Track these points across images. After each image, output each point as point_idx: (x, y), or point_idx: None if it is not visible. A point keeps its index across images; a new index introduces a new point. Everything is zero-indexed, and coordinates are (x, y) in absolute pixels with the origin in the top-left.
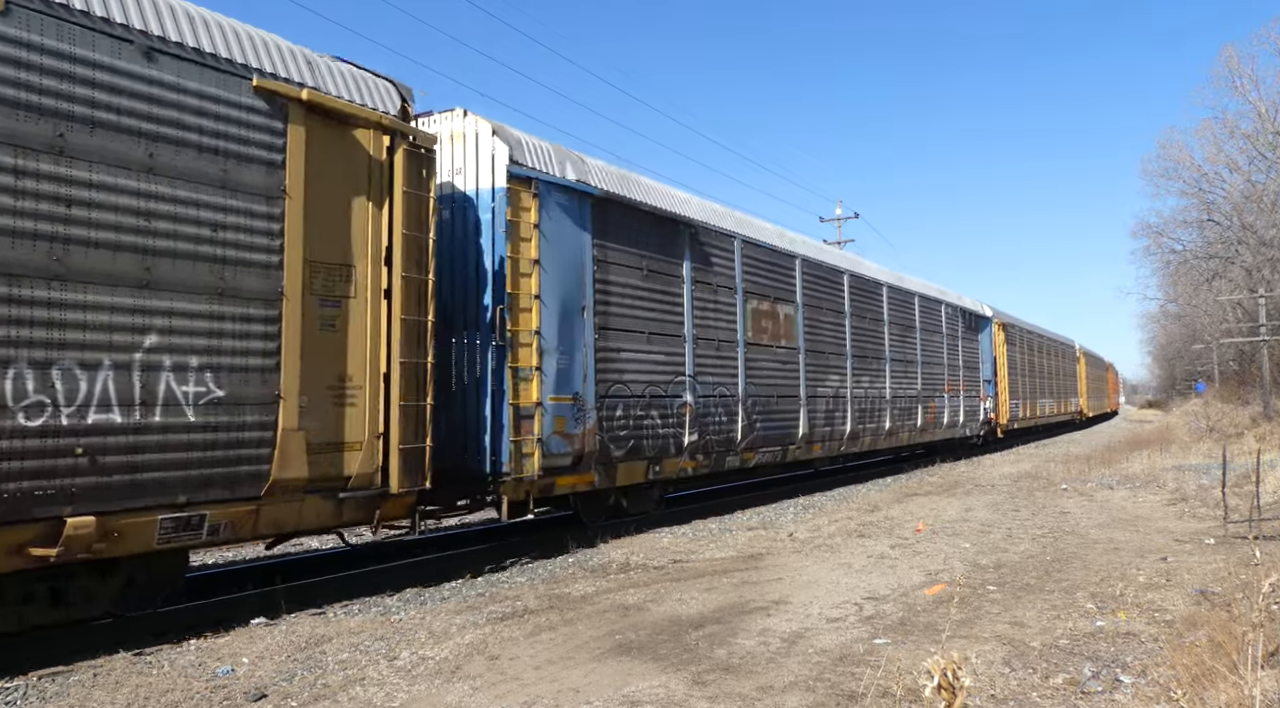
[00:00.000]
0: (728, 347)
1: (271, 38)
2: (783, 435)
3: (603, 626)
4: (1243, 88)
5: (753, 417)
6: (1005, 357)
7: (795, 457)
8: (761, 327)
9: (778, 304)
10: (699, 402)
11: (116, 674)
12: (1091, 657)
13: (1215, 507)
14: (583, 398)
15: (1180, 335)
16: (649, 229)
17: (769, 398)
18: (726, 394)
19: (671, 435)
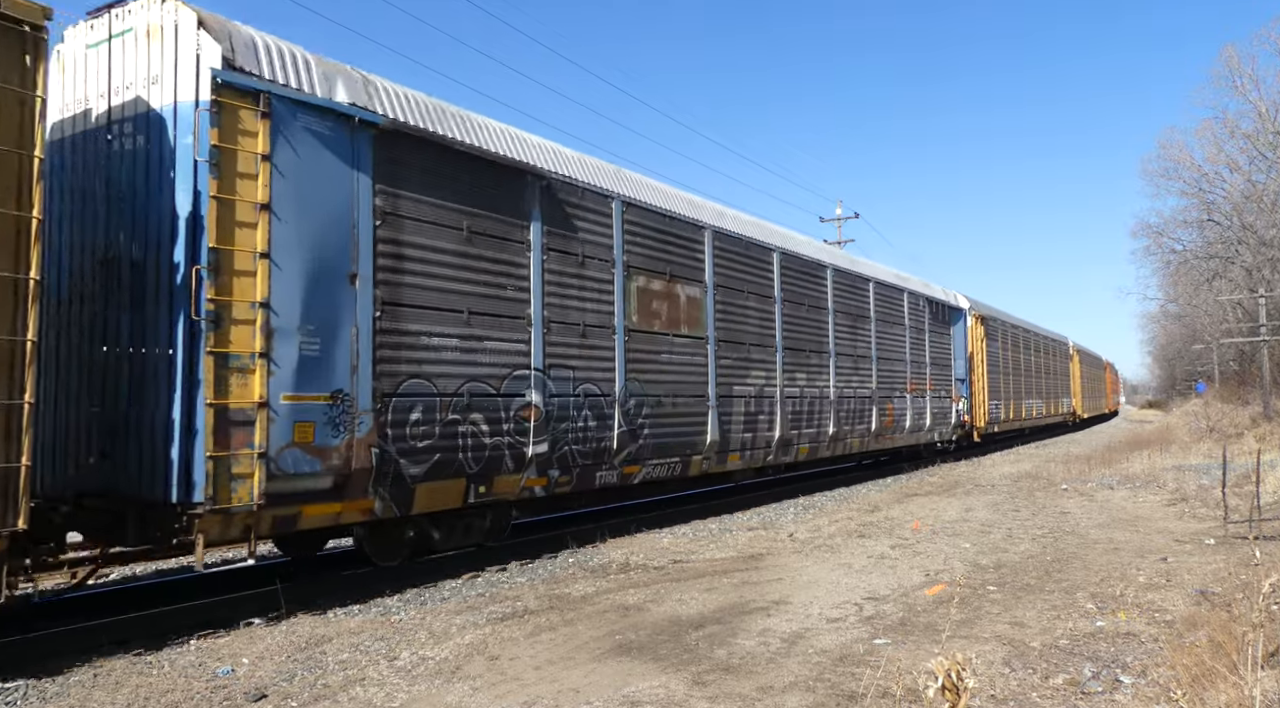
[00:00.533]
0: (599, 334)
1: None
2: (683, 444)
3: (603, 626)
4: (1243, 88)
5: (636, 422)
6: (984, 353)
7: (703, 469)
8: (652, 310)
9: (678, 284)
10: (552, 403)
11: (116, 674)
12: (1091, 657)
13: (1215, 507)
14: (349, 397)
15: (1180, 335)
16: (475, 178)
17: (662, 399)
18: (596, 394)
19: (507, 446)
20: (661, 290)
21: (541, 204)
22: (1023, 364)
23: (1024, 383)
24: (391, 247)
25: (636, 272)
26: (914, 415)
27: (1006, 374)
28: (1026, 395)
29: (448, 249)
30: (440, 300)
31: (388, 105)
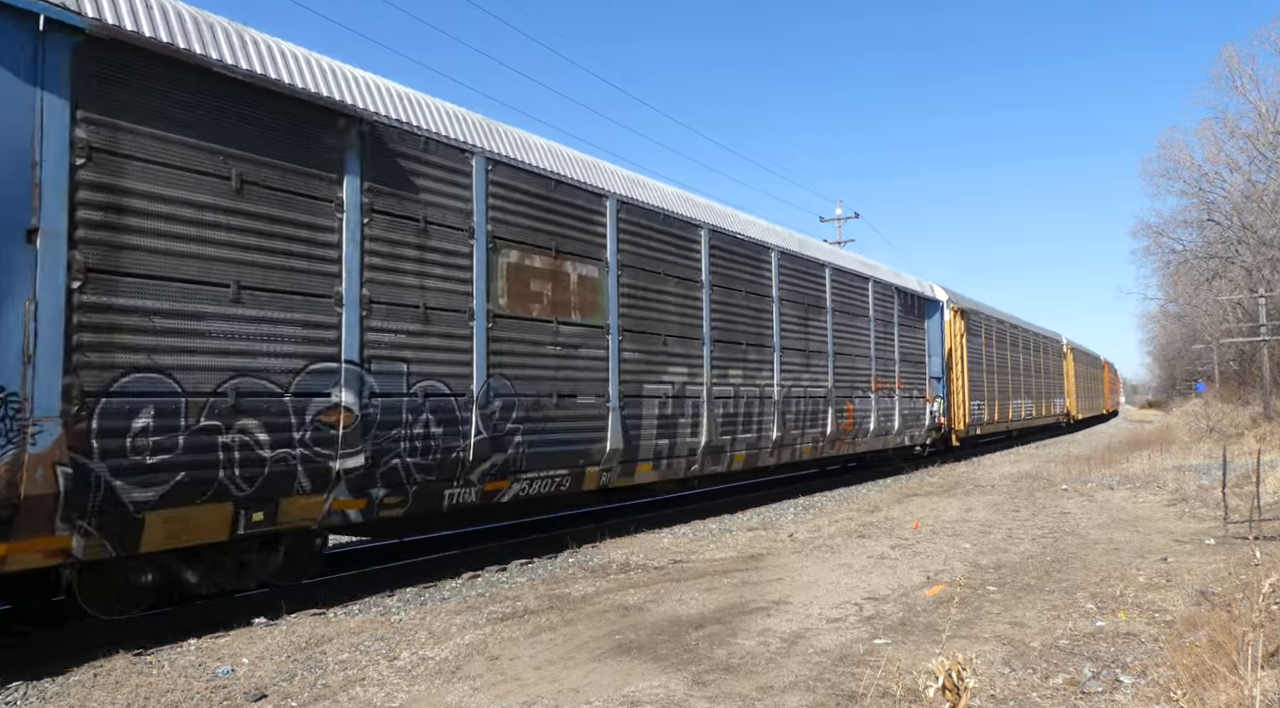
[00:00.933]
0: (449, 320)
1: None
2: (574, 454)
3: (603, 626)
4: (1243, 87)
5: (505, 427)
6: (964, 349)
7: (602, 482)
8: (530, 292)
9: (567, 261)
10: (374, 405)
11: (116, 674)
12: (1091, 657)
13: (1215, 507)
14: (16, 399)
15: (1180, 335)
16: (254, 116)
17: (542, 399)
18: (444, 393)
19: (300, 460)
20: (545, 269)
21: (363, 154)
22: (1010, 362)
23: (1011, 382)
24: (104, 195)
25: (507, 245)
26: (880, 417)
27: (990, 373)
28: (1014, 395)
29: (204, 203)
30: (190, 269)
31: (107, 6)
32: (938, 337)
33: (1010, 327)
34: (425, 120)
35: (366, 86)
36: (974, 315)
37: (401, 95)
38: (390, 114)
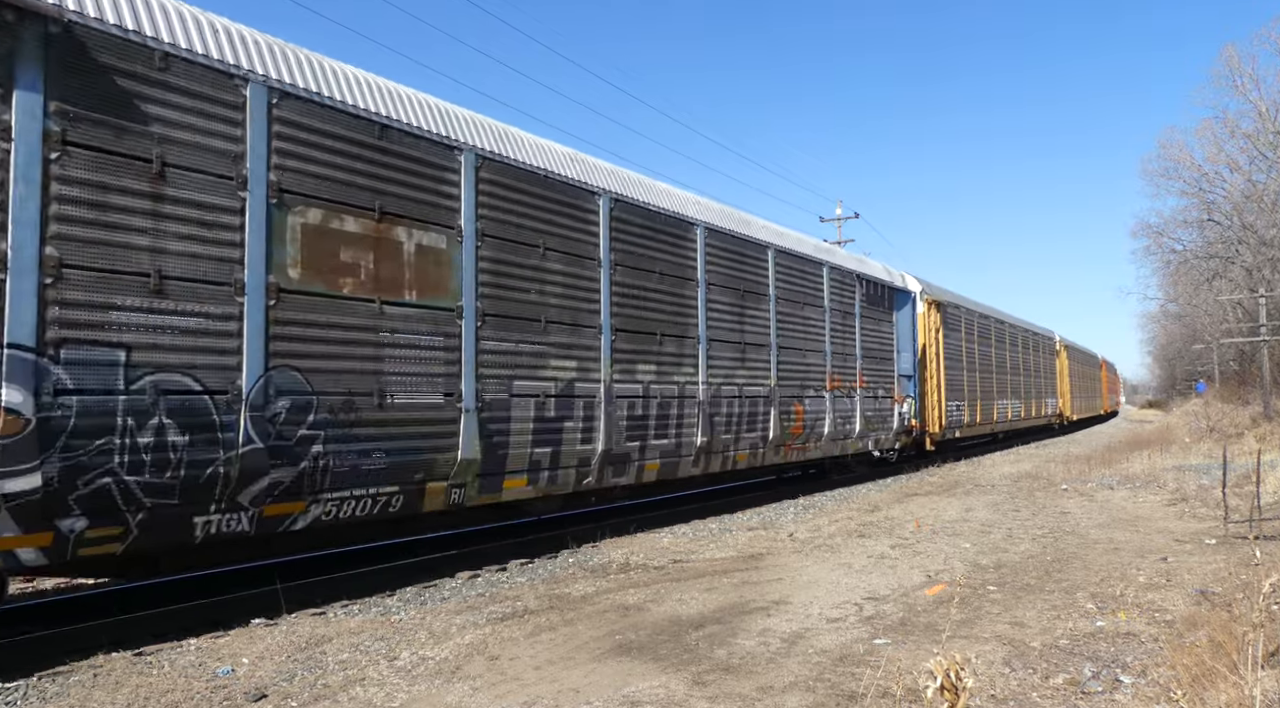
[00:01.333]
0: (205, 295)
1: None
2: (407, 467)
3: (603, 626)
4: (1243, 87)
5: (292, 434)
6: (941, 345)
7: (453, 501)
8: (340, 264)
9: (399, 227)
10: (60, 406)
11: (116, 674)
12: (1092, 657)
13: (1215, 507)
14: None
15: (1180, 335)
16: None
17: (357, 398)
18: (190, 391)
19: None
20: (364, 235)
21: (54, 69)
22: (994, 360)
23: (996, 381)
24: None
25: (304, 202)
26: (837, 419)
27: (972, 371)
28: (999, 396)
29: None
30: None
31: None
32: (909, 331)
33: (995, 322)
34: (162, 28)
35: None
36: (952, 308)
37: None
38: (94, 15)
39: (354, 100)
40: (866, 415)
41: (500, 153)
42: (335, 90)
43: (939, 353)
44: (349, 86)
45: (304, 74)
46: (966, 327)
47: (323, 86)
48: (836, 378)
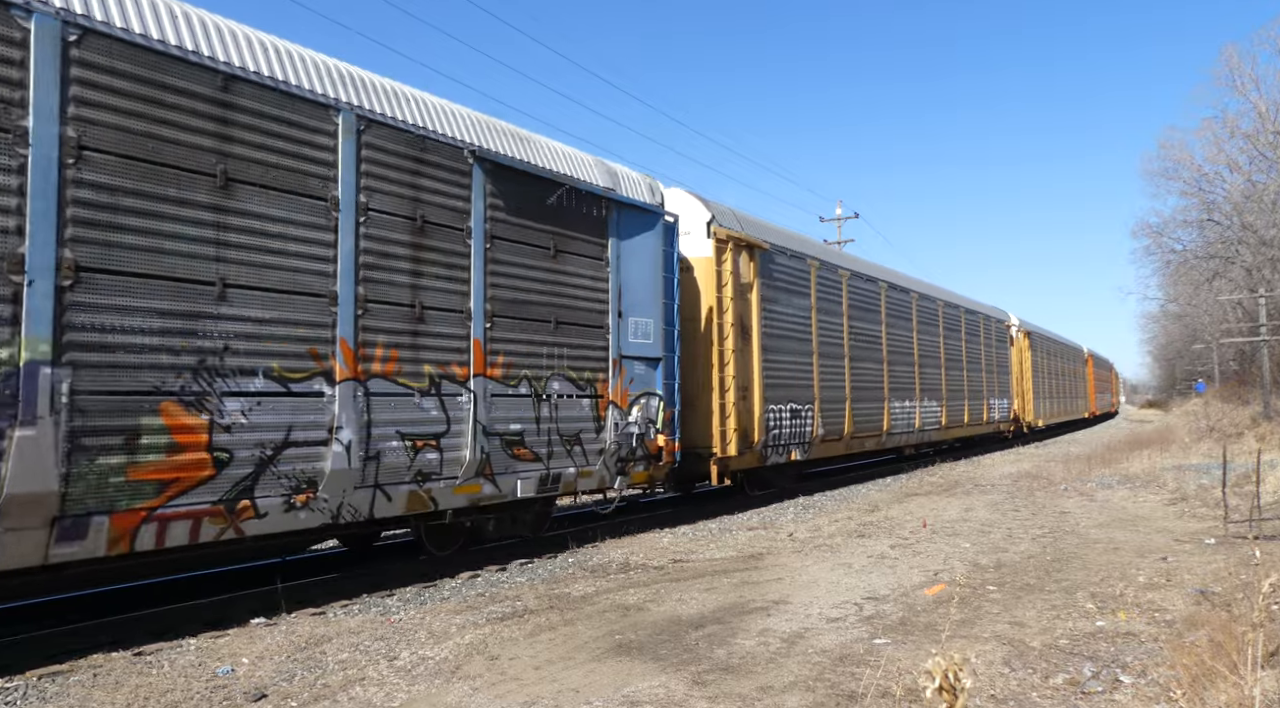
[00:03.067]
0: None
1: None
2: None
3: (603, 626)
4: (1243, 87)
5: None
6: (753, 310)
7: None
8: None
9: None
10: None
11: (116, 674)
12: (1091, 657)
13: (1215, 507)
14: None
15: (1180, 335)
16: None
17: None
18: None
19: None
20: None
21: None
22: (889, 342)
23: (893, 373)
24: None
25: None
26: (375, 441)
27: (835, 357)
28: (898, 395)
29: None
30: None
31: None
32: (655, 278)
33: (889, 287)
34: None
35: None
36: (776, 256)
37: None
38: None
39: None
40: (514, 435)
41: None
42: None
43: (744, 322)
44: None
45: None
46: (819, 288)
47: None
48: (389, 355)
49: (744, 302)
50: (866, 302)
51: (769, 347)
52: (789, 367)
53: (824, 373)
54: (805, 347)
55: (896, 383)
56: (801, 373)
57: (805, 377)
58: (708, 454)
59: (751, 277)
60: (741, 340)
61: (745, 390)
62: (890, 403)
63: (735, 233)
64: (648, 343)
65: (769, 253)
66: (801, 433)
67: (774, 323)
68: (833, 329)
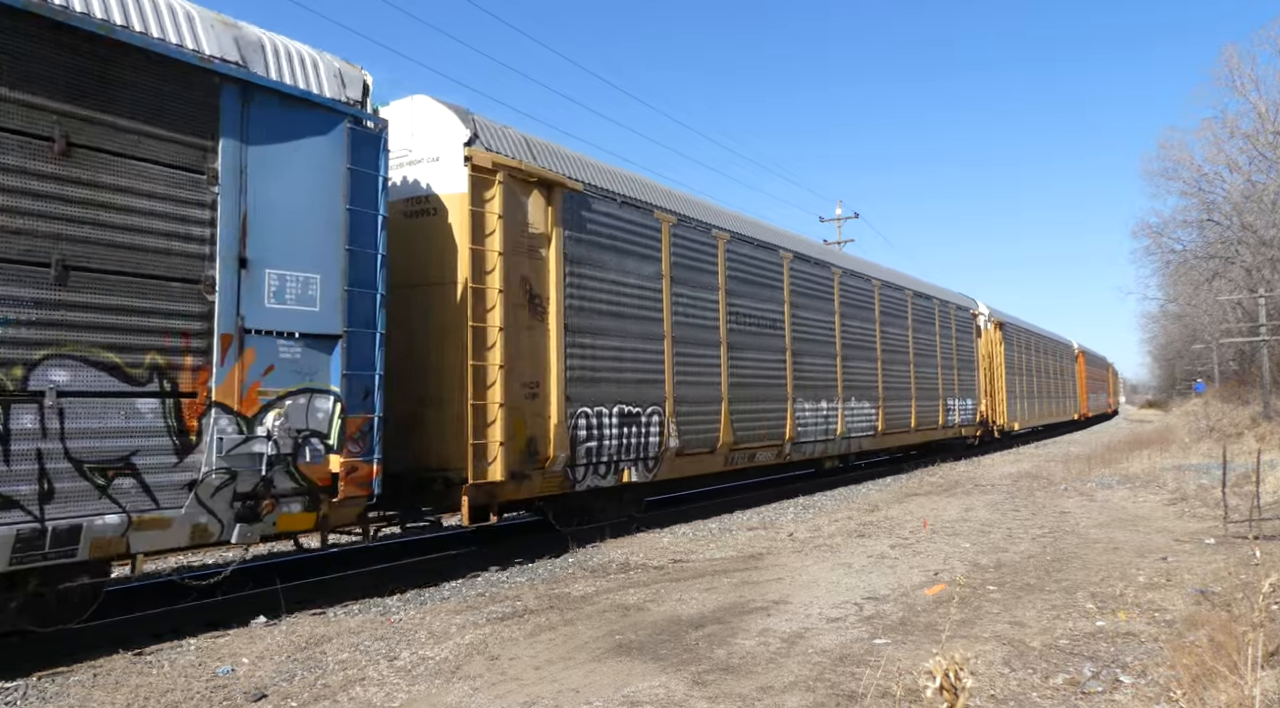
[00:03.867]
0: None
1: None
2: None
3: (603, 626)
4: (1243, 88)
5: None
6: (556, 271)
7: None
8: None
9: None
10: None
11: (116, 674)
12: (1091, 657)
13: (1215, 507)
14: None
15: (1180, 335)
16: None
17: None
18: None
19: None
20: None
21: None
22: (791, 328)
23: (796, 367)
24: None
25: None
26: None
27: (704, 346)
28: (808, 393)
29: None
30: None
31: None
32: (332, 213)
33: (796, 259)
34: None
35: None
36: (595, 202)
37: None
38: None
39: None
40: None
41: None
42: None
43: (545, 293)
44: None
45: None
46: (684, 254)
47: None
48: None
49: (535, 262)
50: (760, 274)
51: (580, 327)
52: (617, 355)
53: (684, 364)
54: (651, 329)
55: (808, 379)
56: (641, 364)
57: (649, 369)
58: (457, 479)
59: (548, 227)
60: (529, 316)
61: (533, 387)
62: (797, 404)
63: (512, 162)
64: (310, 312)
65: (582, 197)
66: (642, 445)
67: (590, 294)
68: (700, 307)
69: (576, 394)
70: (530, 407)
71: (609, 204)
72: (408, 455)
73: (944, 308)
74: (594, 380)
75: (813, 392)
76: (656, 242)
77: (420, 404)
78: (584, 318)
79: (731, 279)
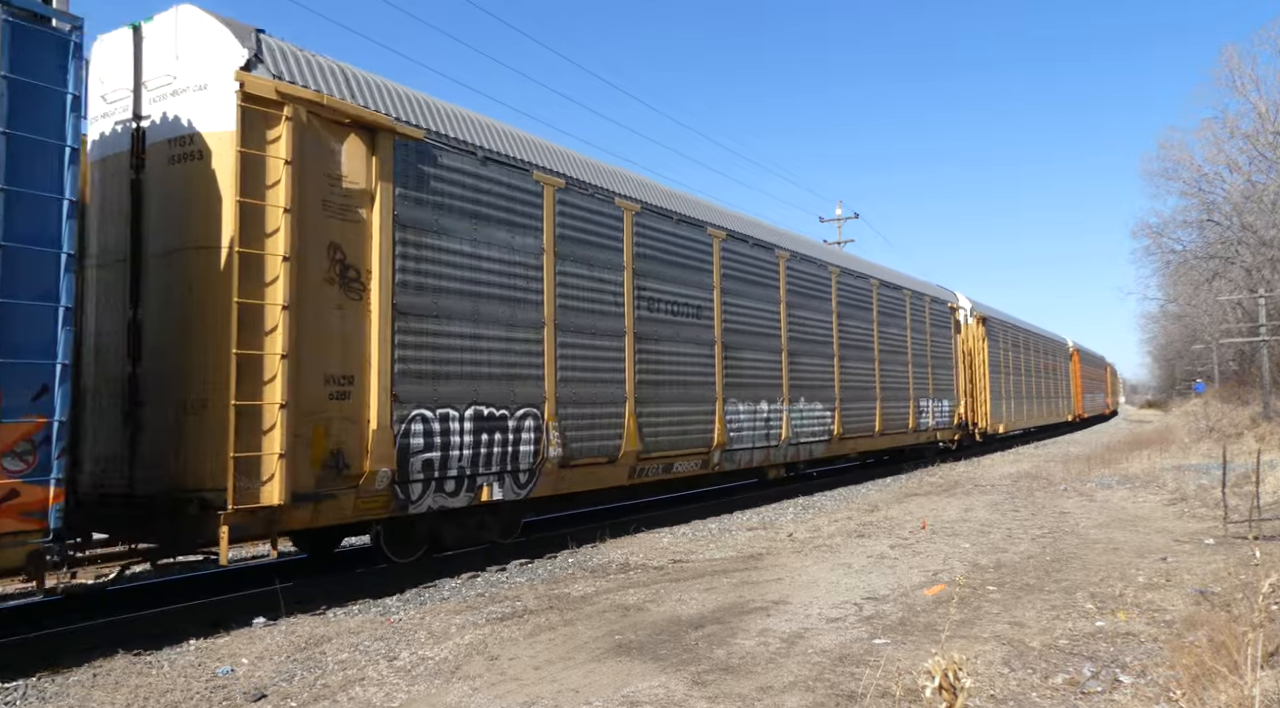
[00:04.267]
0: None
1: None
2: None
3: (602, 626)
4: (1243, 88)
5: None
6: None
7: None
8: None
9: None
10: None
11: (116, 674)
12: (1091, 657)
13: (1215, 507)
14: None
15: (1180, 335)
16: None
17: None
18: None
19: None
20: None
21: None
22: (722, 316)
23: (727, 362)
24: None
25: None
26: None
27: (602, 337)
28: (742, 392)
29: None
30: None
31: None
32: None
33: (730, 237)
34: None
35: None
36: (443, 155)
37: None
38: None
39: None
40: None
41: None
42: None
43: (362, 264)
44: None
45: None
46: (572, 222)
47: None
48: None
49: (349, 226)
50: (682, 254)
51: (416, 308)
52: (472, 345)
53: (572, 358)
54: (525, 314)
55: (744, 376)
56: (510, 356)
57: (522, 363)
58: (216, 500)
59: (370, 182)
60: (340, 293)
61: (343, 383)
62: (728, 404)
63: (309, 94)
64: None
65: (424, 148)
66: (509, 456)
67: (433, 269)
68: (597, 290)
69: (410, 393)
70: (338, 409)
71: (465, 159)
72: (163, 474)
73: (916, 300)
74: (438, 376)
75: (750, 391)
76: (537, 209)
77: (181, 408)
78: (423, 297)
79: (641, 257)
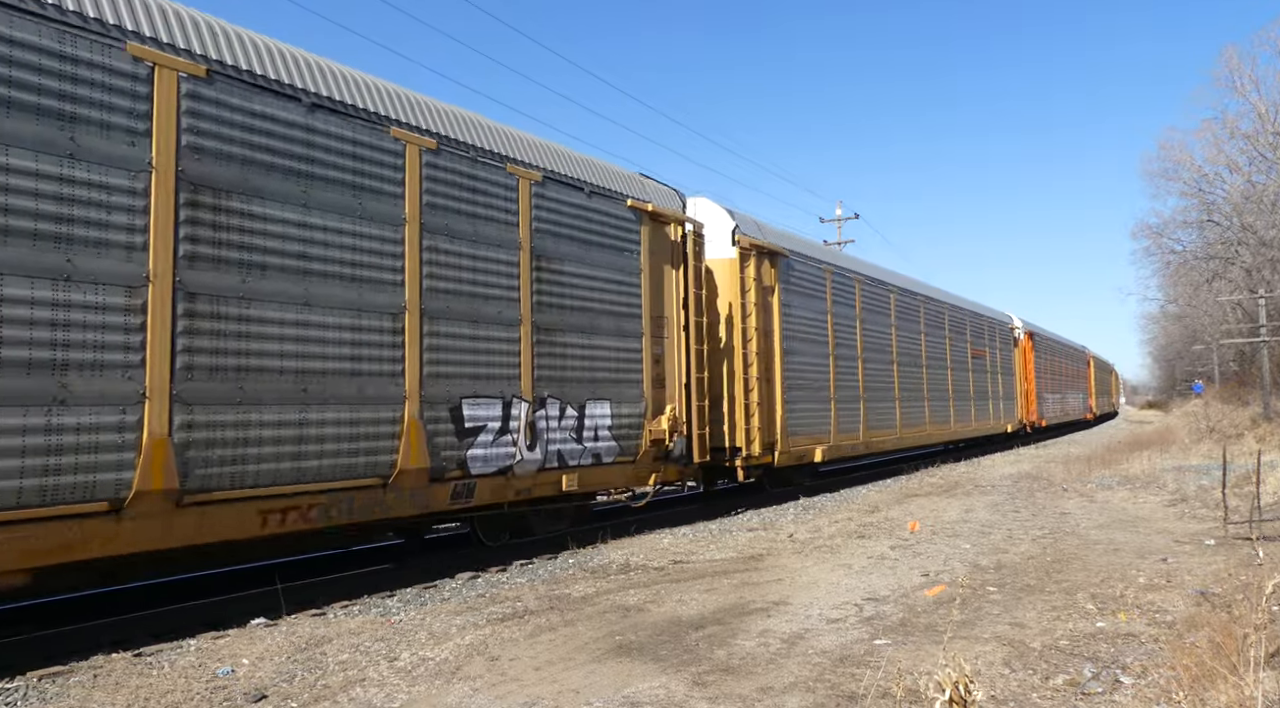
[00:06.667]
0: None
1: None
2: None
3: (603, 626)
4: (1243, 88)
5: None
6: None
7: None
8: None
9: None
10: None
11: (116, 675)
12: (1092, 658)
13: (1215, 507)
14: None
15: (1180, 336)
16: None
17: None
18: None
19: None
20: None
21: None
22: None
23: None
24: None
25: None
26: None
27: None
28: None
29: None
30: None
31: None
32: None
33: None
34: None
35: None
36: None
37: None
38: None
39: None
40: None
41: None
42: None
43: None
44: None
45: None
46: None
47: None
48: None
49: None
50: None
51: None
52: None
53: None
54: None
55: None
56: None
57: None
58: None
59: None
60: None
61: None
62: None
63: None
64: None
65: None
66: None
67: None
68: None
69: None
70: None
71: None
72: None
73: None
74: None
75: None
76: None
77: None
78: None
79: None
